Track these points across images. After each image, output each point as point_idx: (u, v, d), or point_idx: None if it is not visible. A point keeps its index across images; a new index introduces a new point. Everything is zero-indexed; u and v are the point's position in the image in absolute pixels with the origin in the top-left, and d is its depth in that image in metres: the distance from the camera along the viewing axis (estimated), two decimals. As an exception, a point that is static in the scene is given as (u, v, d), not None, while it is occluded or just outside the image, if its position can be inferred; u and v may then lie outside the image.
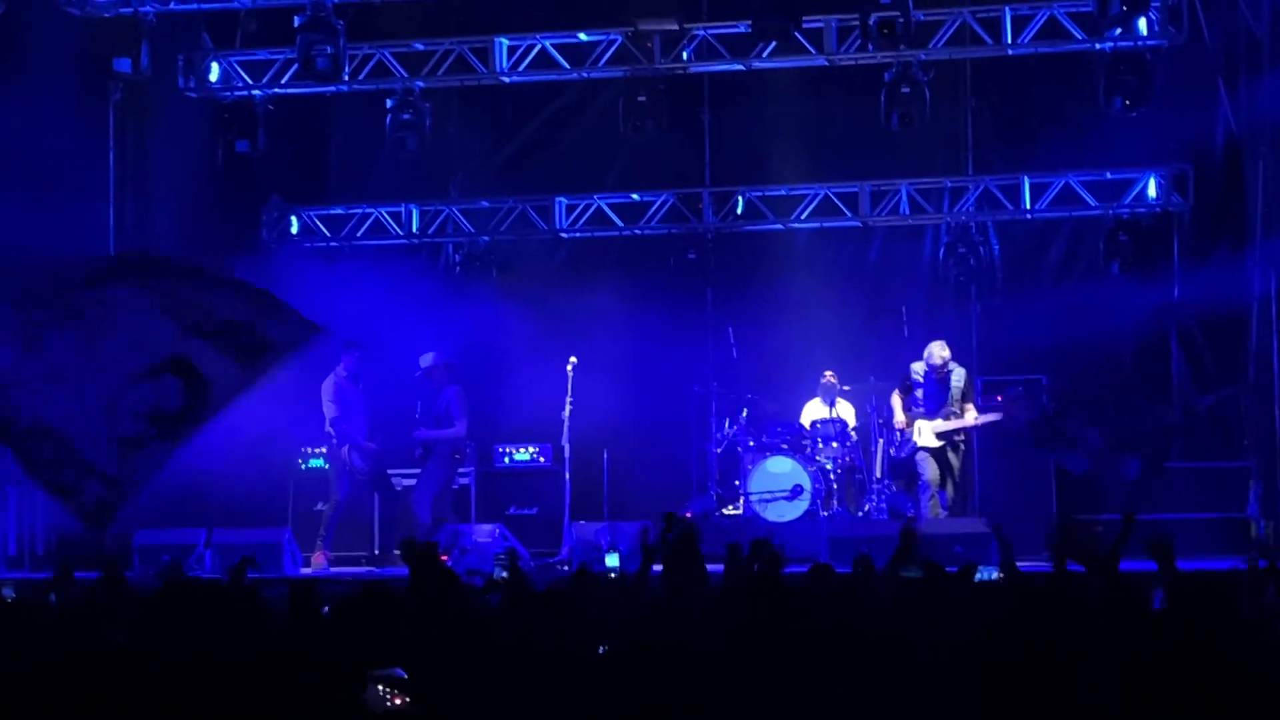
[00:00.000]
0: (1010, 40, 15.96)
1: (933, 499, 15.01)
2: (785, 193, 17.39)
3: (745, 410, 16.16)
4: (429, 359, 15.55)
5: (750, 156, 17.45)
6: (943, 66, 16.32)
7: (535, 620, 6.32)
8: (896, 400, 15.47)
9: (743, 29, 16.05)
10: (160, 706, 4.80)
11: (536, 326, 16.95)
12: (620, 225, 17.68)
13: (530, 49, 16.76)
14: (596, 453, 15.91)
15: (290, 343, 7.96)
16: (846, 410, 16.27)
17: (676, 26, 16.50)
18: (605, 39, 16.66)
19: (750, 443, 16.00)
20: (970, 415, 15.25)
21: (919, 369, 15.34)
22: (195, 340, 7.65)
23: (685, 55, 16.66)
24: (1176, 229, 16.67)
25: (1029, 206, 16.82)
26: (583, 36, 16.74)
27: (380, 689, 4.92)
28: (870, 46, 15.48)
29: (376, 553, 15.66)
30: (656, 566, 8.55)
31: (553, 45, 16.75)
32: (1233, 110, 15.93)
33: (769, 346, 16.87)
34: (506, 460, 16.67)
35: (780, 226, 17.50)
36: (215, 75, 17.18)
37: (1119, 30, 15.39)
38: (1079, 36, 15.76)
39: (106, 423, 7.36)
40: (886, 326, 16.56)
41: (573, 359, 15.38)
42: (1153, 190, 16.56)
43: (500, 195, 17.81)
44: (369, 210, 17.99)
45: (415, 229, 18.00)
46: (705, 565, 8.67)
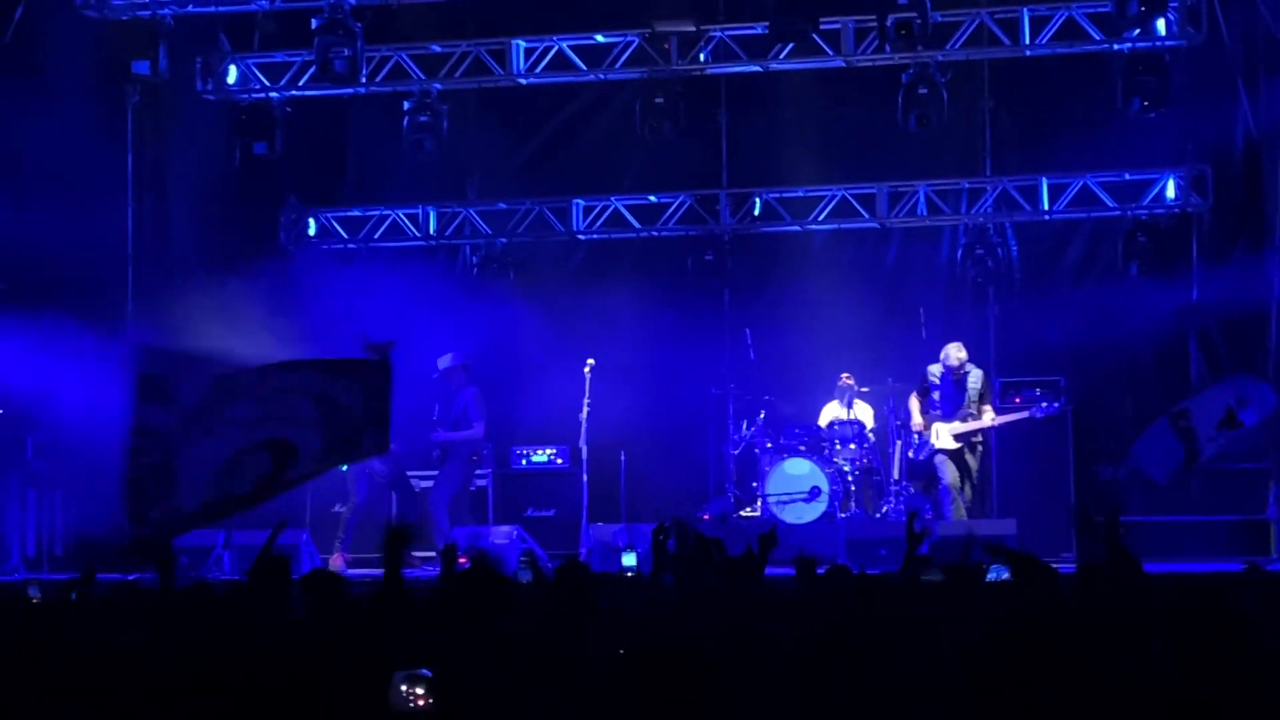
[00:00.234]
0: (1028, 41, 15.96)
1: (956, 502, 15.02)
2: (802, 194, 17.39)
3: (762, 412, 16.18)
4: (447, 361, 15.60)
5: (767, 158, 17.45)
6: (960, 67, 16.31)
7: (551, 618, 6.36)
8: (914, 402, 15.49)
9: (760, 30, 16.07)
10: (182, 708, 4.84)
11: (554, 328, 16.98)
12: (637, 227, 17.71)
13: (547, 51, 16.80)
14: (614, 454, 15.93)
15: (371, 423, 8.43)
16: (864, 412, 16.27)
17: (693, 28, 16.53)
18: (622, 40, 16.69)
19: (768, 444, 16.02)
20: (988, 417, 15.27)
21: (936, 370, 15.36)
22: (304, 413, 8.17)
23: (702, 57, 16.68)
24: (1195, 230, 16.63)
25: (1047, 207, 16.80)
26: (599, 38, 16.78)
27: (404, 689, 4.94)
28: (888, 47, 15.48)
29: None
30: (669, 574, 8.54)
31: (569, 47, 16.79)
32: (1252, 111, 15.90)
33: (786, 348, 16.87)
34: (524, 462, 16.69)
35: (797, 228, 17.50)
36: (233, 77, 17.23)
37: (1137, 31, 15.37)
38: (1097, 37, 15.75)
39: (217, 476, 7.83)
40: (904, 328, 16.54)
41: (590, 361, 15.42)
42: (1171, 191, 16.53)
43: (517, 197, 17.83)
44: (386, 212, 18.03)
45: (433, 231, 18.03)
46: (722, 569, 8.62)
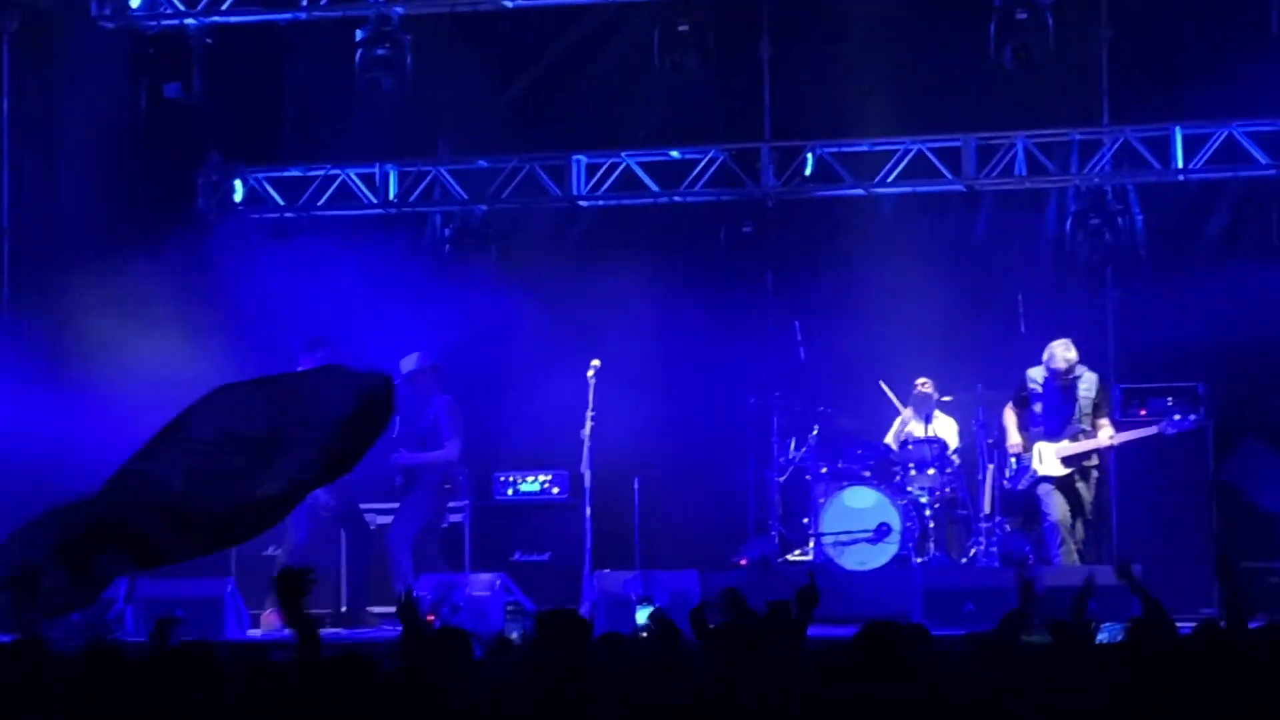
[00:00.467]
0: (1158, -50, 15.96)
1: (1065, 543, 14.97)
2: (867, 148, 17.37)
3: (816, 427, 16.15)
4: (412, 362, 15.58)
5: (822, 102, 17.43)
6: (1071, -14, 16.35)
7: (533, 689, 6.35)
8: (1010, 416, 15.45)
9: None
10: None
11: (548, 320, 16.97)
12: (655, 190, 17.69)
13: (540, -37, 16.86)
14: (625, 482, 15.91)
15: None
16: (946, 428, 16.24)
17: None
18: (636, -50, 16.74)
19: (823, 469, 16.00)
20: (1105, 434, 15.23)
21: (1038, 375, 15.33)
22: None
23: (738, -30, 16.73)
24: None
25: (1181, 165, 16.78)
26: (606, -55, 16.83)
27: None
28: (976, -42, 15.52)
29: (344, 610, 15.68)
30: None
31: (569, -41, 16.85)
32: None
33: (846, 346, 16.85)
34: (510, 492, 16.69)
35: (861, 192, 17.48)
36: (137, 1, 17.24)
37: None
38: (1246, -57, 15.76)
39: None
40: (997, 320, 16.54)
41: (595, 362, 15.39)
42: (1343, 144, 16.54)
43: (502, 152, 17.83)
44: (334, 172, 18.03)
45: (393, 195, 18.04)
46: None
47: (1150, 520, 15.77)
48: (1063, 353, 15.27)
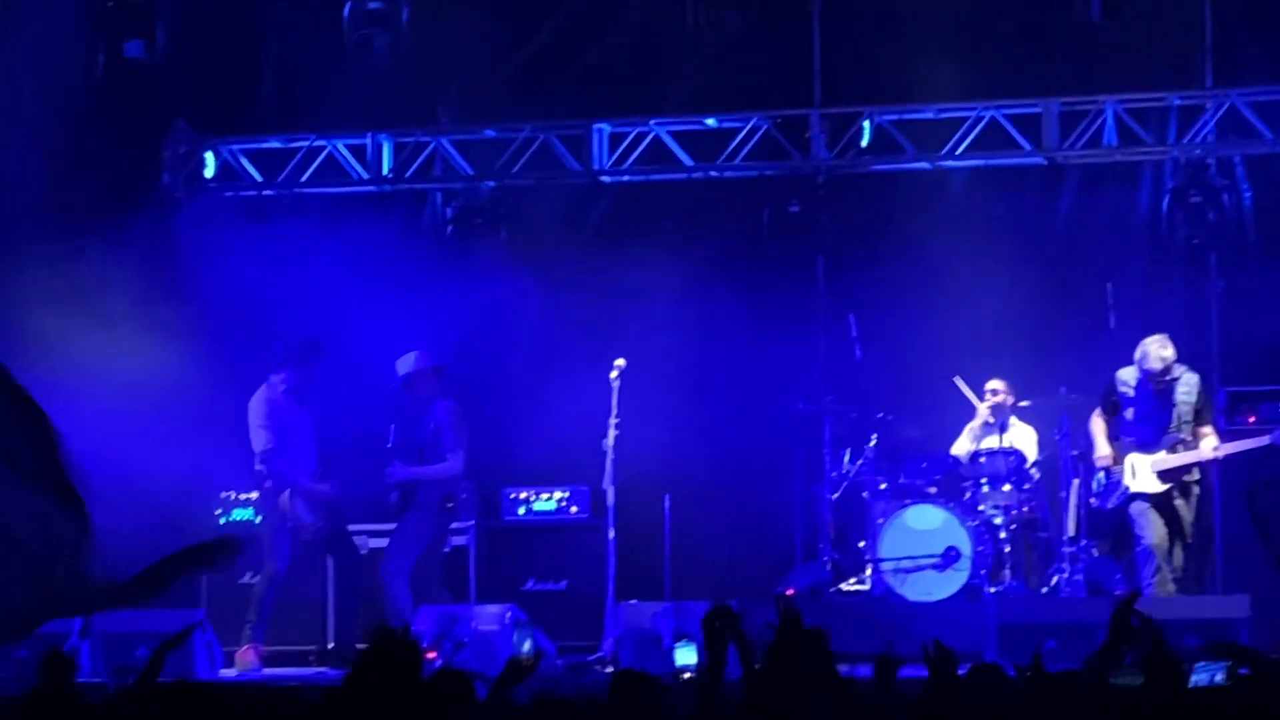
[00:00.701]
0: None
1: (1161, 570, 14.99)
2: (933, 115, 17.43)
3: (874, 437, 16.23)
4: (409, 362, 15.63)
5: (880, 63, 17.48)
6: (1168, -72, 16.41)
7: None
8: (1098, 423, 15.49)
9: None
10: None
11: (565, 314, 17.05)
12: (689, 164, 17.75)
13: (556, -97, 16.95)
14: (654, 500, 15.97)
15: None
16: (1024, 437, 16.29)
17: None
18: (667, -113, 16.81)
19: (881, 485, 16.07)
20: (1207, 444, 15.24)
21: (1130, 377, 15.35)
22: None
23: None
24: None
25: (1296, 135, 16.83)
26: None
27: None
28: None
29: (331, 646, 15.76)
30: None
31: (589, -103, 16.94)
32: None
33: (908, 343, 16.90)
34: (522, 511, 16.78)
35: (925, 165, 17.54)
36: (94, -54, 17.36)
37: None
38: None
39: None
40: (1082, 313, 16.54)
41: (619, 362, 15.45)
42: None
43: (512, 121, 17.90)
44: (320, 143, 18.12)
45: (388, 170, 18.11)
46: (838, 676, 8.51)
47: (1259, 544, 15.78)
48: (1158, 351, 15.28)
